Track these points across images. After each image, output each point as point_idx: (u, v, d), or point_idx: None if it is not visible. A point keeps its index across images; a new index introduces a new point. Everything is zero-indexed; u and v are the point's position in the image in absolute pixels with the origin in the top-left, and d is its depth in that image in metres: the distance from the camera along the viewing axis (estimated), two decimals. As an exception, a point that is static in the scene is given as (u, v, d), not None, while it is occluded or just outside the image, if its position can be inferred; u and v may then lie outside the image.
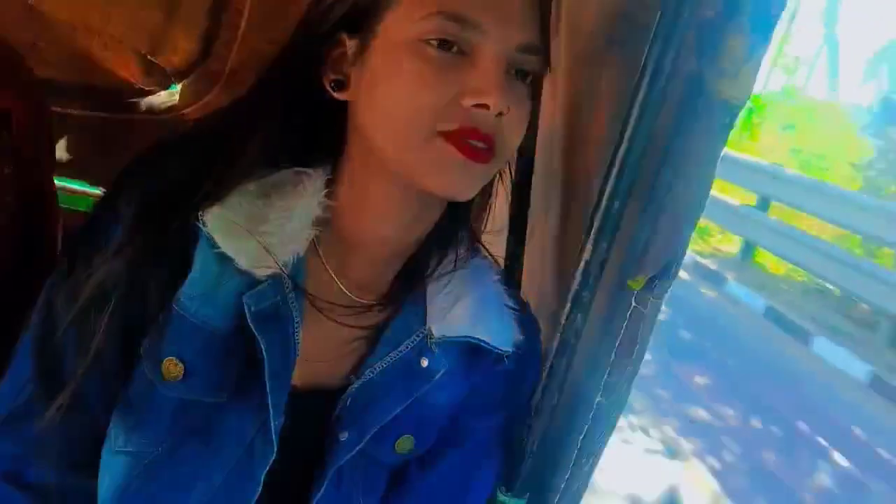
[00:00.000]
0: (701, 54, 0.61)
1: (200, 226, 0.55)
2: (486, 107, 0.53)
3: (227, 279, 0.57)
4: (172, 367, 0.56)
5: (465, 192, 0.57)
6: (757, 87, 0.64)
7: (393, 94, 0.54)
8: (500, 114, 0.53)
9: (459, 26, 0.52)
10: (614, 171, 0.64)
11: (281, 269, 0.57)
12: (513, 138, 0.58)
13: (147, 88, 1.23)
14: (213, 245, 0.56)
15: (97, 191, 1.22)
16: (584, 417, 0.74)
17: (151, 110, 1.23)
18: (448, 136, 0.53)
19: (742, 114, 0.63)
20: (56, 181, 0.95)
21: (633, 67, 0.64)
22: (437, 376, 0.63)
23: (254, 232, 0.56)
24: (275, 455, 0.58)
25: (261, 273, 0.57)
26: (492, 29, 0.53)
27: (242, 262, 0.56)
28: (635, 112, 0.63)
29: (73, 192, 1.20)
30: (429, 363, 0.63)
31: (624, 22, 0.68)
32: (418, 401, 0.63)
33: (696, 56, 0.62)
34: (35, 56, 1.09)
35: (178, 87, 1.23)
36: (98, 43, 1.17)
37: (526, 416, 0.72)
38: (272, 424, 0.57)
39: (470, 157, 0.54)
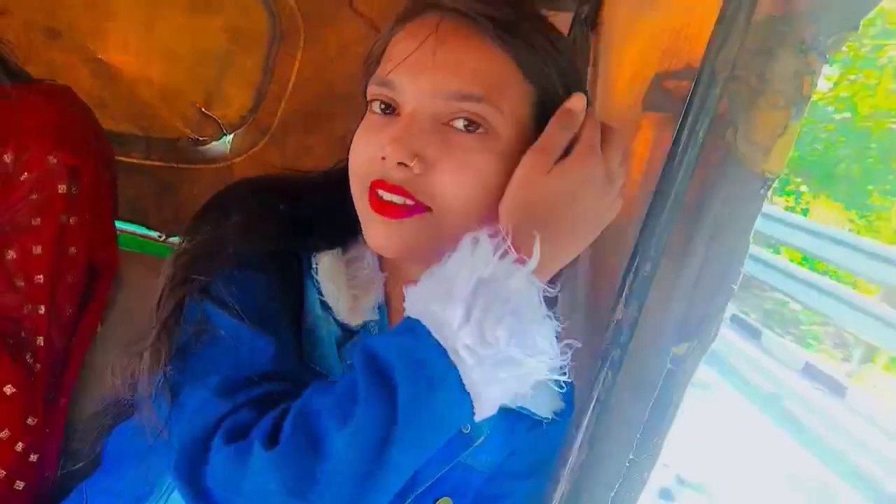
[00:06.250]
0: (734, 127, 0.63)
1: (313, 269, 0.59)
2: (383, 158, 0.55)
3: (328, 325, 0.60)
4: None
5: (383, 248, 0.56)
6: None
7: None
8: (402, 164, 0.54)
9: (386, 89, 0.57)
10: (647, 232, 0.65)
11: (369, 318, 0.60)
12: (447, 189, 0.55)
13: (201, 139, 1.30)
14: (319, 292, 0.59)
15: (153, 234, 1.28)
16: (615, 474, 0.74)
17: (204, 159, 1.30)
18: (369, 189, 0.56)
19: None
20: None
21: (666, 131, 0.65)
22: (478, 442, 0.64)
23: (341, 285, 0.60)
24: None
25: (354, 323, 0.60)
26: (406, 86, 0.56)
27: (339, 313, 0.59)
28: (668, 176, 0.64)
29: (123, 231, 1.27)
30: (471, 429, 0.63)
31: (658, 88, 0.71)
32: (458, 464, 0.64)
33: (730, 128, 0.63)
34: (102, 110, 1.18)
35: (230, 137, 1.30)
36: (157, 95, 1.25)
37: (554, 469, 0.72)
38: None
39: (379, 213, 0.55)
